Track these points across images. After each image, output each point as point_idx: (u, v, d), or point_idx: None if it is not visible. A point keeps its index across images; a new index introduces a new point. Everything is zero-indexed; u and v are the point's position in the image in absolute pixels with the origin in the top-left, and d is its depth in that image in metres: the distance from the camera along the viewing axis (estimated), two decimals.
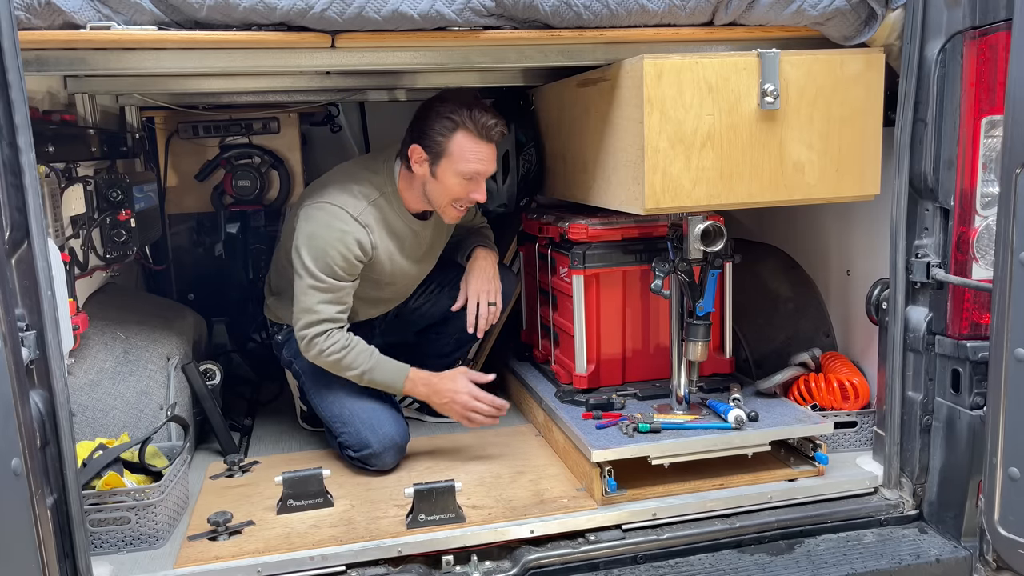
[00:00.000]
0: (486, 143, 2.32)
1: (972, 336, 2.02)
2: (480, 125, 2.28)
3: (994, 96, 1.91)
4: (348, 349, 2.37)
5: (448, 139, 2.29)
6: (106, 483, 2.00)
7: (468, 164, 2.31)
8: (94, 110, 2.70)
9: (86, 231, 2.42)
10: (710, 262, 2.27)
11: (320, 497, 2.19)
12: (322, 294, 2.33)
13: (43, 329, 1.64)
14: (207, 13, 1.85)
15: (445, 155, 2.31)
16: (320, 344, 2.35)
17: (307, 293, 2.34)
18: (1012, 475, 1.68)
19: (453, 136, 2.29)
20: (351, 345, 2.38)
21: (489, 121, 2.30)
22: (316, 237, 2.32)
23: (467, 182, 2.34)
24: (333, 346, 2.36)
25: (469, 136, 2.29)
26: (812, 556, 2.06)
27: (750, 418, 2.25)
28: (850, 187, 2.15)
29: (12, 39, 1.55)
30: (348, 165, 2.57)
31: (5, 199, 1.55)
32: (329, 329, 2.35)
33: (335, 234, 2.31)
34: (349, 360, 2.37)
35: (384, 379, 2.42)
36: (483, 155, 2.33)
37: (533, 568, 1.99)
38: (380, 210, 2.42)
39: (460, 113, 2.28)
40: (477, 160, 2.31)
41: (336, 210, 2.34)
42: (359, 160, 2.63)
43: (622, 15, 2.02)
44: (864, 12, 2.08)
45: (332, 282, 2.33)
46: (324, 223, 2.33)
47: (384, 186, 2.44)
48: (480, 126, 2.29)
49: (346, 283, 2.37)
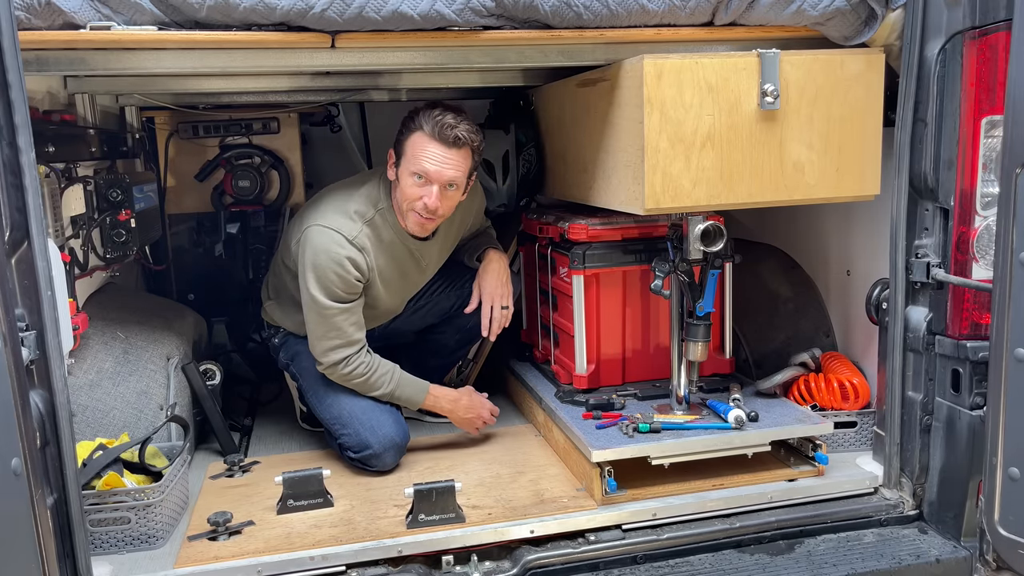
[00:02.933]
0: (441, 144, 2.26)
1: (972, 336, 2.02)
2: (436, 124, 2.25)
3: (994, 96, 1.91)
4: (371, 372, 2.42)
5: (407, 139, 2.30)
6: (106, 483, 2.00)
7: (417, 163, 2.27)
8: (94, 110, 2.70)
9: (86, 231, 2.42)
10: (710, 262, 2.27)
11: (320, 497, 2.19)
12: (333, 319, 2.35)
13: (43, 329, 1.64)
14: (207, 13, 1.85)
15: (403, 156, 2.32)
16: (341, 370, 2.40)
17: (318, 323, 2.37)
18: (1012, 475, 1.68)
19: (411, 136, 2.29)
20: (373, 368, 2.43)
21: (447, 120, 2.25)
22: (316, 265, 2.33)
23: (418, 183, 2.29)
24: (355, 370, 2.40)
25: (423, 136, 2.27)
26: (812, 556, 2.06)
27: (750, 418, 2.25)
28: (850, 187, 2.14)
29: (12, 39, 1.55)
30: (345, 183, 2.55)
31: (5, 199, 1.55)
32: (348, 355, 2.39)
33: (332, 259, 2.32)
34: (373, 382, 2.43)
35: (407, 395, 2.49)
36: (433, 156, 2.26)
37: (533, 568, 1.99)
38: (375, 229, 2.41)
39: (422, 114, 2.28)
40: (427, 159, 2.26)
41: (332, 234, 2.34)
42: (358, 176, 2.61)
43: (622, 15, 2.02)
44: (864, 12, 2.08)
45: (338, 307, 2.35)
46: (322, 248, 2.33)
47: (379, 202, 2.44)
48: (436, 124, 2.25)
49: (351, 303, 2.38)
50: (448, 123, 2.25)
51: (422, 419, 2.83)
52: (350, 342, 2.38)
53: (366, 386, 2.43)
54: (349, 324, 2.38)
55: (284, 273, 2.60)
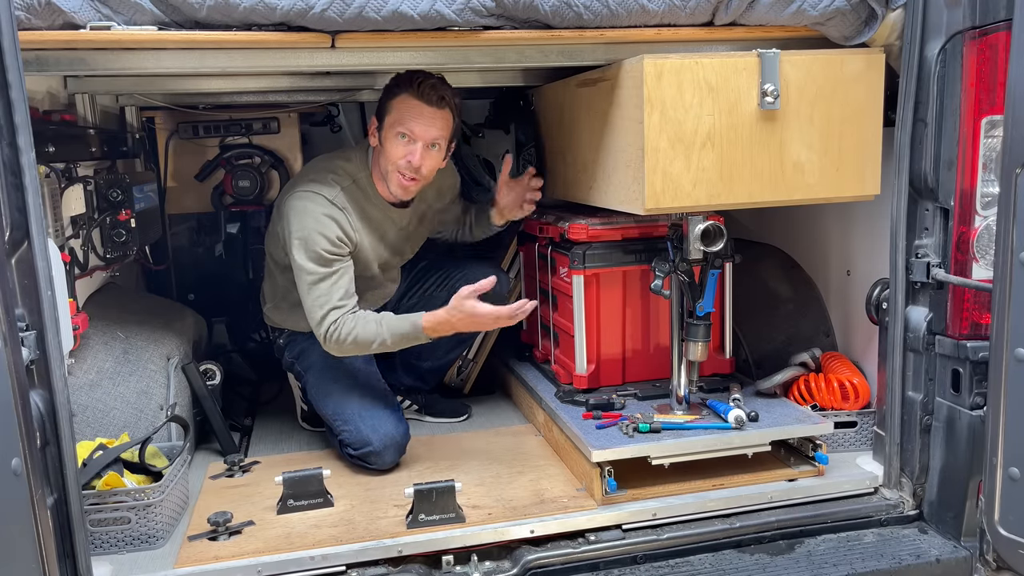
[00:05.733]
0: (422, 102, 2.33)
1: (972, 336, 2.02)
2: (418, 85, 2.33)
3: (994, 96, 1.90)
4: (356, 325, 2.33)
5: (390, 101, 2.36)
6: (106, 483, 2.00)
7: (403, 122, 2.34)
8: (94, 110, 2.70)
9: (86, 231, 2.42)
10: (710, 262, 2.27)
11: (320, 497, 2.19)
12: (319, 284, 2.33)
13: (43, 329, 1.64)
14: (207, 13, 1.85)
15: (387, 117, 2.37)
16: (334, 337, 2.33)
17: (309, 291, 2.34)
18: (1012, 475, 1.68)
19: (395, 99, 2.36)
20: (357, 321, 2.33)
21: (429, 83, 2.33)
22: (300, 228, 2.33)
23: (403, 143, 2.35)
24: (341, 331, 2.32)
25: (407, 96, 2.34)
26: (812, 556, 2.06)
27: (750, 418, 2.25)
28: (850, 187, 2.14)
29: (12, 39, 1.55)
30: (321, 158, 2.59)
31: (5, 199, 1.55)
32: (337, 319, 2.33)
33: (314, 218, 2.33)
34: (365, 335, 2.32)
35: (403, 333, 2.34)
36: (418, 115, 2.33)
37: (533, 568, 1.99)
38: (353, 196, 2.44)
39: (404, 80, 2.35)
40: (411, 118, 2.33)
41: (311, 195, 2.37)
42: (334, 152, 2.64)
43: (622, 15, 2.02)
44: (864, 12, 2.08)
45: (323, 270, 2.33)
46: (302, 210, 2.35)
47: (357, 172, 2.47)
48: (418, 86, 2.33)
49: (338, 265, 2.35)
50: (432, 84, 2.34)
51: (422, 419, 2.84)
52: (336, 305, 2.34)
53: (360, 341, 2.32)
54: (338, 289, 2.35)
55: (274, 269, 2.61)
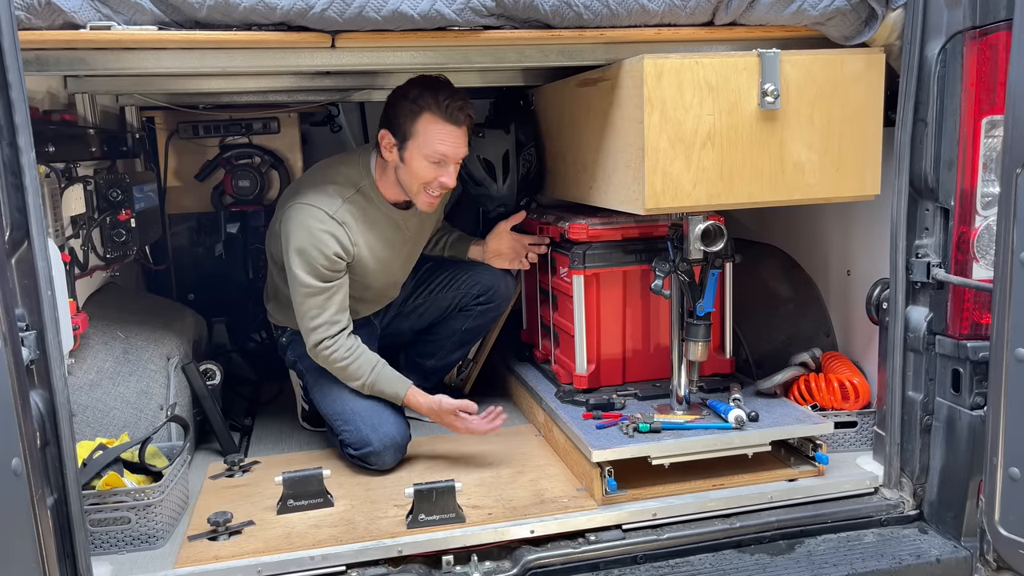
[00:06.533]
0: (452, 125, 2.31)
1: (972, 336, 2.02)
2: (445, 107, 2.28)
3: (994, 96, 1.90)
4: (352, 358, 2.40)
5: (414, 122, 2.30)
6: (106, 483, 2.00)
7: (433, 146, 2.30)
8: (94, 110, 2.70)
9: (86, 231, 2.42)
10: (710, 262, 2.27)
11: (320, 497, 2.19)
12: (314, 298, 2.35)
13: (43, 329, 1.64)
14: (207, 13, 1.85)
15: (411, 138, 2.32)
16: (322, 352, 2.39)
17: (302, 302, 2.37)
18: (1012, 475, 1.68)
19: (419, 119, 2.30)
20: (355, 355, 2.40)
21: (455, 103, 2.30)
22: (299, 242, 2.33)
23: (434, 165, 2.33)
24: (337, 353, 2.38)
25: (434, 118, 2.29)
26: (812, 556, 2.06)
27: (750, 418, 2.25)
28: (850, 187, 2.14)
29: (12, 39, 1.55)
30: (324, 163, 2.58)
31: (5, 199, 1.55)
32: (329, 334, 2.37)
33: (313, 234, 2.33)
34: (353, 370, 2.40)
35: (385, 391, 2.44)
36: (449, 137, 2.31)
37: (533, 568, 1.99)
38: (356, 206, 2.43)
39: (426, 96, 2.29)
40: (442, 142, 2.30)
41: (311, 209, 2.35)
42: (337, 156, 2.63)
43: (622, 15, 2.02)
44: (864, 12, 2.08)
45: (320, 284, 2.34)
46: (301, 224, 2.34)
47: (360, 180, 2.46)
48: (445, 108, 2.29)
49: (334, 282, 2.37)
50: (455, 105, 2.30)
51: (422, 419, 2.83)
52: (331, 322, 2.37)
53: (346, 373, 2.40)
54: (332, 304, 2.37)
55: (273, 268, 2.61)
